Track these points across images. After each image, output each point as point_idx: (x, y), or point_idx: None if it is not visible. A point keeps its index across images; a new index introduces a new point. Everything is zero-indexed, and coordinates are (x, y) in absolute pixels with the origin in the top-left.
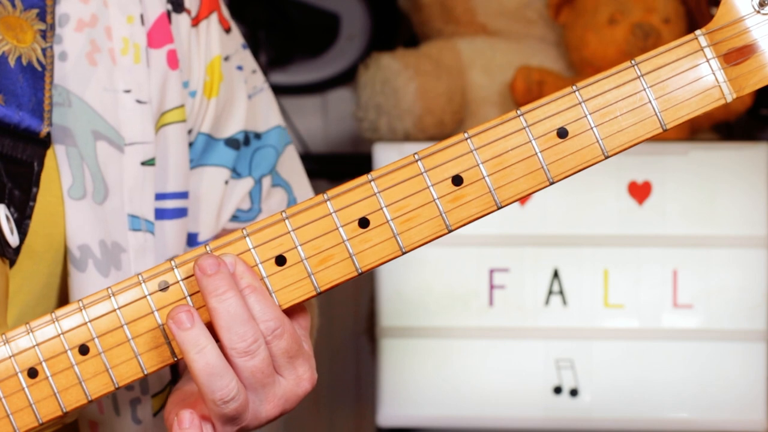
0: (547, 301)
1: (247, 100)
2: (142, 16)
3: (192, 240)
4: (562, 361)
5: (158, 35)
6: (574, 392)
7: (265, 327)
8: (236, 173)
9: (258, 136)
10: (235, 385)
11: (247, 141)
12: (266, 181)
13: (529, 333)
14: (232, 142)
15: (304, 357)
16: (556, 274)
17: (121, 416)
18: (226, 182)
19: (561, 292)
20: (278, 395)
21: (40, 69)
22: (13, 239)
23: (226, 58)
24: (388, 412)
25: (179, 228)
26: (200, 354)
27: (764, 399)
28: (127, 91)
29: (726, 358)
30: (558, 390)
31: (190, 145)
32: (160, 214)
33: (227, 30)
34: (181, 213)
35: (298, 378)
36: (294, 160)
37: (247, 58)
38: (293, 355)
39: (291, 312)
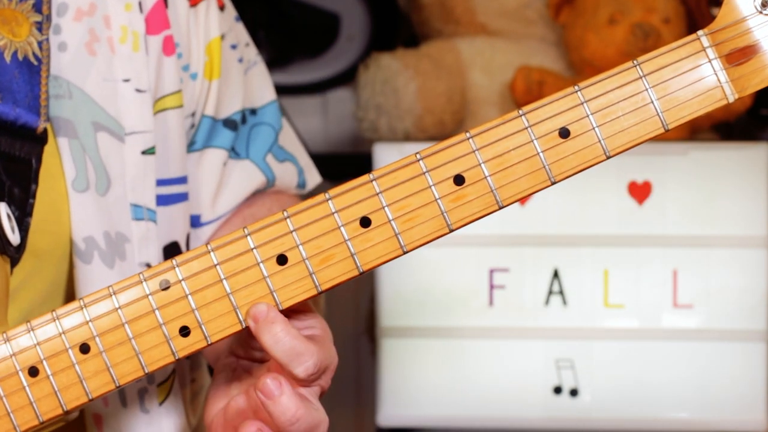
0: (547, 301)
1: (244, 77)
2: (140, 3)
3: (195, 221)
4: (562, 361)
5: (155, 21)
6: (574, 392)
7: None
8: (235, 153)
9: (254, 112)
10: None
11: (244, 119)
12: (270, 158)
13: (529, 333)
14: (229, 123)
15: None
16: (556, 274)
17: (128, 407)
18: (224, 164)
19: (561, 292)
20: None
21: (36, 63)
22: (14, 237)
23: (222, 37)
24: (388, 412)
25: (182, 211)
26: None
27: (764, 399)
28: (126, 80)
29: (726, 358)
30: (558, 390)
31: (196, 128)
32: (163, 200)
33: (221, 7)
34: (182, 198)
35: None
36: (290, 131)
37: (241, 32)
38: None
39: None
